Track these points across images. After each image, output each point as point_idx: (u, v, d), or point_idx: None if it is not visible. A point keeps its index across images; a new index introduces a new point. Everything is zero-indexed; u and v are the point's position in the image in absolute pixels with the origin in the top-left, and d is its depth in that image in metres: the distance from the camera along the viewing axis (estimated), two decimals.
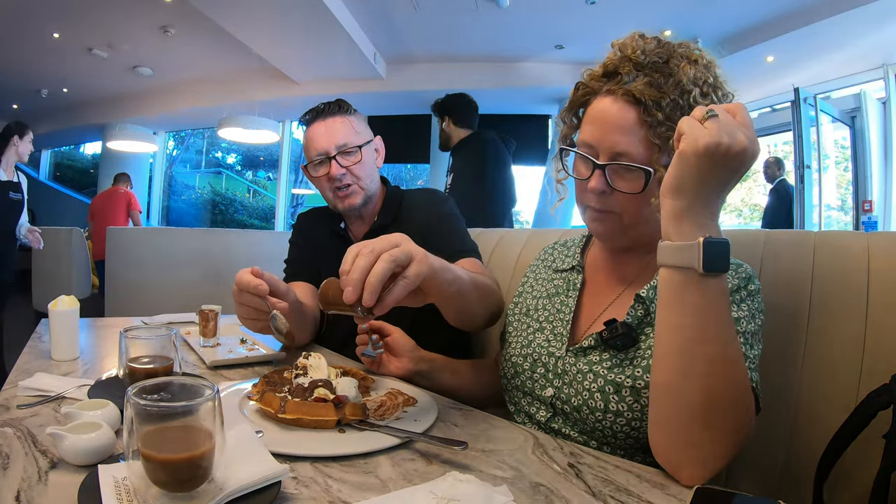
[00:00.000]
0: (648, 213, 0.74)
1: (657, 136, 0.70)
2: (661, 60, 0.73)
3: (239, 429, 0.56)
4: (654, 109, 0.70)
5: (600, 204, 0.77)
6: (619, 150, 0.72)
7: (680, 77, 0.71)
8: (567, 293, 0.89)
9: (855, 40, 4.65)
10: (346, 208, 1.25)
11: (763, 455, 0.83)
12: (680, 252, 0.59)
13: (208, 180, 12.70)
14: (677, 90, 0.71)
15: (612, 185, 0.74)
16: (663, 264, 0.61)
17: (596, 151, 0.75)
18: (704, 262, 0.57)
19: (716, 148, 0.55)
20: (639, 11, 4.89)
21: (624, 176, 0.74)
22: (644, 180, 0.72)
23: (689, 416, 0.59)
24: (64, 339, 0.97)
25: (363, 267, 0.66)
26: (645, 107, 0.71)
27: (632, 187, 0.73)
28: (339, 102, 1.26)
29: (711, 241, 0.57)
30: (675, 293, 0.60)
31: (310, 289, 1.29)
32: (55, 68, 6.90)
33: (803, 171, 4.99)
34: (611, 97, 0.74)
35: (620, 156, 0.73)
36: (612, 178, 0.74)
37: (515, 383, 0.88)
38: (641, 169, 0.71)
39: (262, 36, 5.55)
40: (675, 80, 0.71)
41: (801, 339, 0.82)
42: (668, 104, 0.70)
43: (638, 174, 0.72)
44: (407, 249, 0.69)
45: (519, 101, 6.63)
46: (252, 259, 4.03)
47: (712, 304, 0.59)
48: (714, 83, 0.73)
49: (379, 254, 0.66)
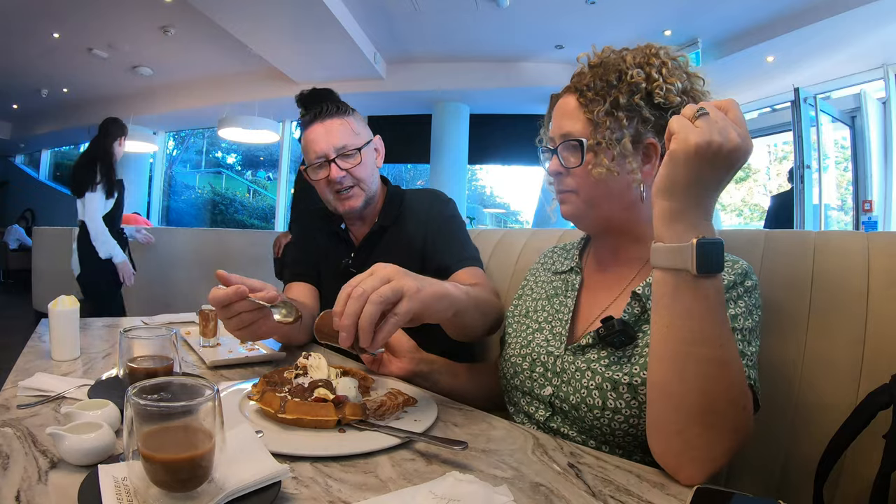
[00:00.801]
0: (603, 191, 0.81)
1: (590, 111, 0.80)
2: (612, 58, 0.82)
3: (239, 429, 0.56)
4: (587, 91, 0.80)
5: (559, 185, 0.85)
6: (565, 132, 0.82)
7: (619, 63, 0.80)
8: (566, 294, 0.89)
9: (855, 40, 4.65)
10: (346, 211, 1.24)
11: (763, 455, 0.83)
12: (673, 254, 0.58)
13: (208, 180, 12.70)
14: (615, 74, 0.80)
15: (564, 164, 0.83)
16: (657, 266, 0.61)
17: (553, 141, 0.86)
18: (698, 264, 0.56)
19: (707, 147, 0.55)
20: (639, 11, 4.89)
21: (571, 154, 0.82)
22: (580, 151, 0.80)
23: (687, 418, 0.59)
24: (64, 339, 0.97)
25: (354, 312, 0.68)
26: (580, 91, 0.81)
27: (576, 161, 0.81)
28: (336, 103, 1.24)
29: (705, 241, 0.56)
30: (669, 295, 0.60)
31: (310, 289, 1.29)
32: (55, 68, 6.91)
33: (803, 171, 4.99)
34: (562, 96, 0.86)
35: (566, 136, 0.82)
36: (564, 157, 0.83)
37: (514, 383, 0.88)
38: (577, 141, 0.80)
39: (262, 36, 5.55)
40: (614, 67, 0.80)
41: (801, 339, 0.82)
42: (598, 84, 0.80)
43: (579, 150, 0.81)
44: (398, 286, 0.70)
45: (519, 101, 6.64)
46: (252, 259, 4.03)
47: (707, 305, 0.58)
48: (661, 62, 0.80)
49: (369, 295, 0.68)
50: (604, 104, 0.78)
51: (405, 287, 0.70)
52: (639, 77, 0.78)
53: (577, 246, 0.98)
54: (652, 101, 0.78)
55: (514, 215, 13.01)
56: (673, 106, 0.78)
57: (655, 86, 0.78)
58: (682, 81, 0.79)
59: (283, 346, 1.17)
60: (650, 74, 0.79)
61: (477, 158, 7.64)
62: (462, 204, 7.47)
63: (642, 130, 0.79)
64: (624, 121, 0.78)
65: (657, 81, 0.78)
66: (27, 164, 11.63)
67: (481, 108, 7.11)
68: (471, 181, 11.96)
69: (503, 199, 14.05)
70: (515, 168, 9.65)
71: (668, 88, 0.78)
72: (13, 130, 9.98)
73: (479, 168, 12.44)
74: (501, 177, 13.64)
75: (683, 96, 0.79)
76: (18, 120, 9.56)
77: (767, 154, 8.48)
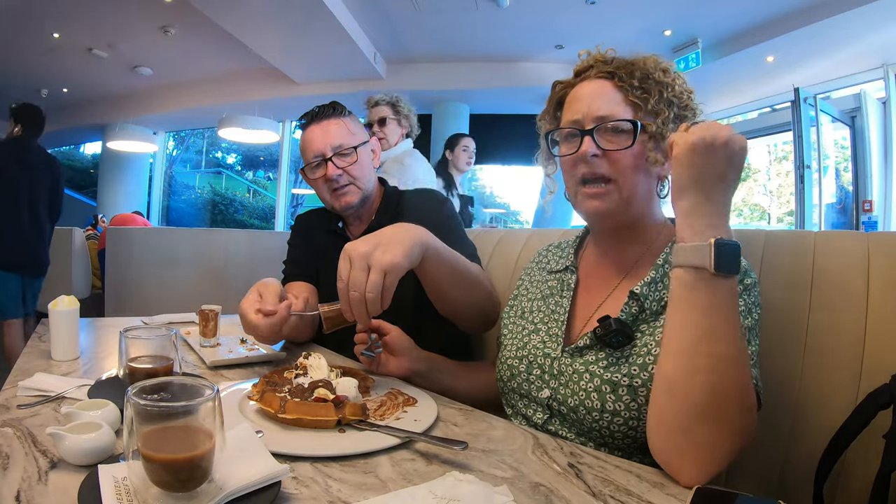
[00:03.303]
0: (644, 182, 0.79)
1: (635, 96, 0.78)
2: (625, 59, 0.83)
3: (239, 429, 0.56)
4: (627, 77, 0.79)
5: (593, 169, 0.78)
6: (602, 114, 0.78)
7: (639, 65, 0.81)
8: (561, 294, 0.89)
9: (855, 40, 4.65)
10: (342, 207, 1.25)
11: (763, 455, 0.83)
12: (692, 252, 0.62)
13: (208, 180, 12.70)
14: (641, 72, 0.80)
15: (601, 147, 0.78)
16: (677, 265, 0.64)
17: (581, 123, 0.80)
18: (716, 262, 0.60)
19: (702, 141, 0.63)
20: (639, 11, 4.89)
21: (613, 137, 0.78)
22: (632, 134, 0.77)
23: (692, 416, 0.59)
24: (64, 339, 0.97)
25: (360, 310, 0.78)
26: (618, 77, 0.80)
27: (621, 145, 0.77)
28: (333, 105, 1.27)
29: (723, 242, 0.60)
30: (687, 291, 0.62)
31: (309, 288, 1.29)
32: (55, 68, 6.90)
33: (803, 171, 4.99)
34: (586, 81, 0.83)
35: (605, 118, 0.78)
36: (601, 140, 0.78)
37: (511, 385, 0.87)
38: (628, 122, 0.77)
39: (262, 36, 5.55)
40: (638, 67, 0.81)
41: (801, 338, 0.82)
42: (639, 74, 0.79)
43: (625, 136, 0.77)
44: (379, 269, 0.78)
45: (519, 101, 6.63)
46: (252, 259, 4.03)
47: (722, 303, 0.61)
48: (677, 74, 0.83)
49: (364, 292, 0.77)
50: (653, 94, 0.78)
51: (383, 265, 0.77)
52: (667, 79, 0.80)
53: (572, 244, 0.96)
54: (680, 104, 0.81)
55: (514, 215, 13.00)
56: (694, 112, 0.83)
57: (680, 91, 0.81)
58: (693, 94, 0.84)
59: (283, 346, 1.17)
60: (675, 80, 0.82)
61: (477, 158, 7.62)
62: None
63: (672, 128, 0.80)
64: (670, 115, 0.79)
65: (683, 86, 0.82)
66: None
67: (481, 108, 7.10)
68: (471, 181, 11.96)
69: (503, 199, 14.05)
70: (515, 168, 9.63)
71: (689, 96, 0.82)
72: None
73: (479, 168, 12.43)
74: (501, 177, 13.63)
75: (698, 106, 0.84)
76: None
77: (767, 154, 8.48)
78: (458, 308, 1.02)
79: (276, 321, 0.92)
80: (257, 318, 0.93)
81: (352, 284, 0.77)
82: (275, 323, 0.92)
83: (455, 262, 0.95)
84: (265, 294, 0.96)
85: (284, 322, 0.94)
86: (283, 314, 0.93)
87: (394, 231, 0.84)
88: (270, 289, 0.97)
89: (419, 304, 1.05)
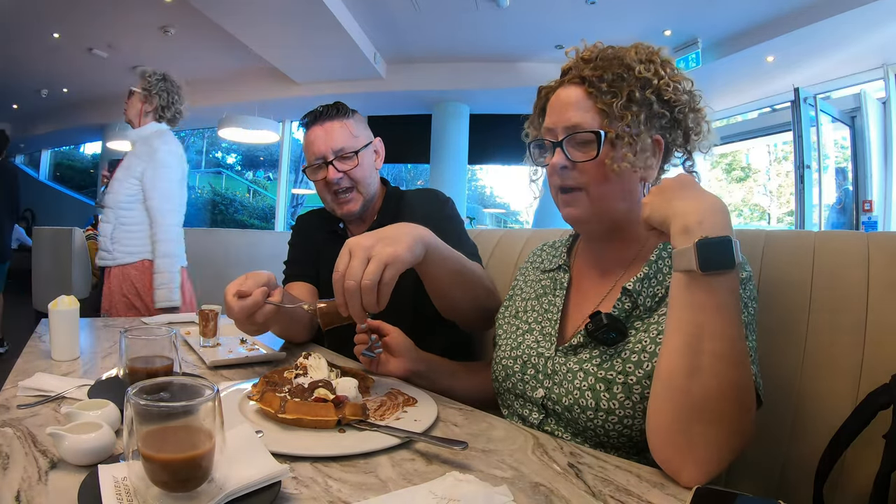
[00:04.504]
0: (616, 188, 0.79)
1: (604, 103, 0.77)
2: (609, 53, 0.82)
3: (239, 429, 0.56)
4: (598, 82, 0.78)
5: (564, 180, 0.80)
6: (572, 123, 0.79)
7: (622, 56, 0.80)
8: (554, 293, 0.89)
9: (855, 40, 4.65)
10: (344, 214, 1.25)
11: (763, 455, 0.83)
12: (679, 257, 0.62)
13: (208, 180, 12.71)
14: (621, 67, 0.79)
15: (570, 158, 0.79)
16: (674, 269, 0.64)
17: (555, 133, 0.81)
18: (701, 263, 0.59)
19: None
20: (639, 11, 4.89)
21: (580, 148, 0.79)
22: (597, 145, 0.77)
23: (691, 415, 0.59)
24: (64, 339, 0.97)
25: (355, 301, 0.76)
26: (589, 82, 0.79)
27: (588, 155, 0.78)
28: (337, 106, 1.25)
29: (705, 241, 0.59)
30: (683, 291, 0.62)
31: (309, 289, 1.29)
32: (55, 68, 6.91)
33: (803, 171, 4.99)
34: (562, 88, 0.83)
35: (574, 127, 0.79)
36: (570, 151, 0.79)
37: (507, 386, 0.87)
38: (592, 133, 0.77)
39: (262, 36, 5.56)
40: (618, 60, 0.79)
41: (801, 338, 0.82)
42: (609, 76, 0.78)
43: (592, 146, 0.78)
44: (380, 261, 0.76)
45: (519, 101, 6.62)
46: (252, 259, 4.03)
47: (720, 301, 0.60)
48: (662, 61, 0.81)
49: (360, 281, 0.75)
50: (620, 97, 0.77)
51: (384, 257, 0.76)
52: (647, 73, 0.78)
53: (565, 243, 0.97)
54: (661, 98, 0.80)
55: (514, 215, 13.01)
56: (680, 104, 0.80)
57: (663, 83, 0.79)
58: (685, 81, 0.82)
59: (283, 346, 1.17)
60: (657, 71, 0.79)
61: (477, 158, 7.64)
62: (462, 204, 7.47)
63: (650, 126, 0.79)
64: (641, 115, 0.78)
65: (664, 79, 0.79)
66: (27, 164, 11.63)
67: (481, 108, 7.11)
68: (471, 181, 11.96)
69: (503, 199, 14.06)
70: (515, 168, 9.65)
71: (675, 87, 0.80)
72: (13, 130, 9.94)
73: (479, 168, 12.44)
74: (501, 177, 13.65)
75: (687, 96, 0.81)
76: (18, 120, 9.56)
77: (767, 154, 8.49)
78: (459, 306, 1.02)
79: (248, 304, 0.90)
80: (233, 300, 0.91)
81: (349, 274, 0.75)
82: (246, 306, 0.90)
83: (456, 261, 0.94)
84: (249, 278, 0.94)
85: (258, 307, 0.91)
86: (258, 299, 0.91)
87: (396, 228, 0.83)
88: (257, 275, 0.96)
89: (419, 306, 1.05)
